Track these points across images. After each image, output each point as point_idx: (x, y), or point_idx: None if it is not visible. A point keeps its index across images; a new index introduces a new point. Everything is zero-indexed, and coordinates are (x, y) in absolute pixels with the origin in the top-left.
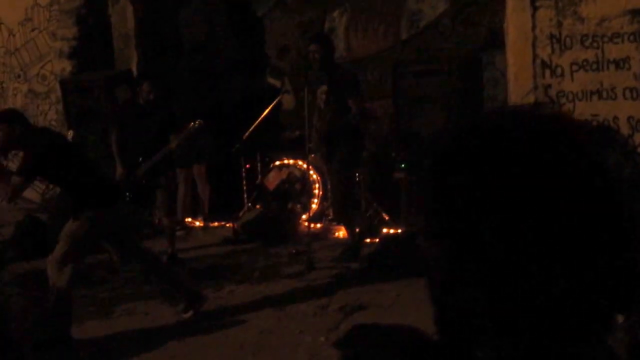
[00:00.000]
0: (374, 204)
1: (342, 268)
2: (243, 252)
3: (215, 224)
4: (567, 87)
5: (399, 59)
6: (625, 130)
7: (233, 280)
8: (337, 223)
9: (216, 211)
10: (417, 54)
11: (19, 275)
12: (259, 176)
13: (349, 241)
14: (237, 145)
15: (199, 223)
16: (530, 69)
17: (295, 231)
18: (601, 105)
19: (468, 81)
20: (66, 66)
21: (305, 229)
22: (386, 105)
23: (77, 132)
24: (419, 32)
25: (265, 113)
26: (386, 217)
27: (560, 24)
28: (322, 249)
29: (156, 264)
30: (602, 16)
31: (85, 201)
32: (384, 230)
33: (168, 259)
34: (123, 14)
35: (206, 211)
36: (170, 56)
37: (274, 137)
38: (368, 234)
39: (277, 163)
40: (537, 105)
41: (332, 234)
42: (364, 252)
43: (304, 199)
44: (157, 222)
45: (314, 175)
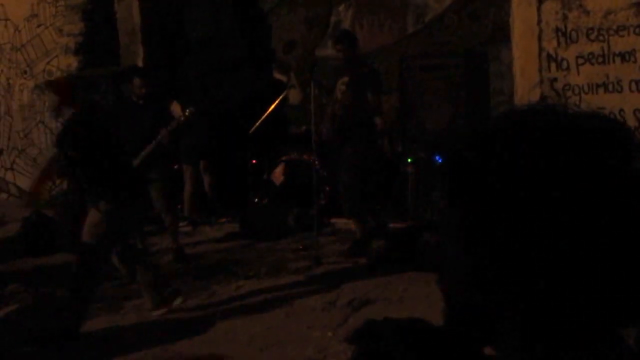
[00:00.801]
0: (381, 199)
1: (350, 263)
2: (250, 247)
3: (223, 220)
4: (573, 80)
5: (405, 53)
6: (631, 122)
7: (240, 275)
8: (349, 216)
9: (223, 207)
10: (423, 48)
11: (26, 271)
12: (266, 171)
13: (358, 235)
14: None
15: (205, 219)
16: (536, 62)
17: (302, 226)
18: (607, 98)
19: (474, 75)
20: (72, 62)
21: (313, 223)
22: (392, 100)
23: None
24: (424, 26)
25: (271, 108)
26: (393, 212)
27: (565, 17)
28: (329, 244)
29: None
30: (607, 9)
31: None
32: (390, 224)
33: (174, 254)
34: (129, 9)
35: (213, 207)
36: (176, 52)
37: (280, 132)
38: (377, 229)
39: (283, 158)
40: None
41: (339, 228)
42: (371, 246)
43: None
44: (159, 218)
45: (323, 172)
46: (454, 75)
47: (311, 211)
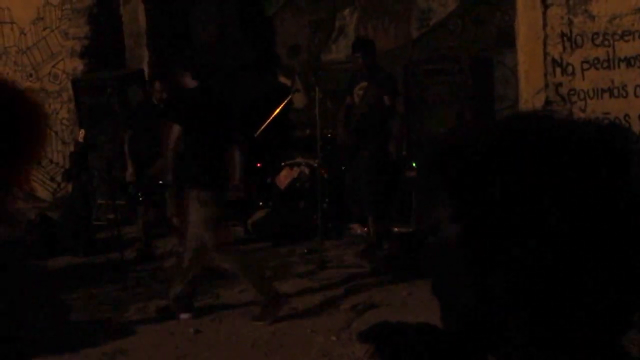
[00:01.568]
0: (386, 203)
1: (354, 267)
2: (255, 251)
3: (227, 223)
4: (578, 85)
5: (409, 57)
6: (636, 127)
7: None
8: (365, 217)
9: (227, 211)
10: (427, 53)
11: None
12: (270, 175)
13: (370, 237)
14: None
15: None
16: (541, 67)
17: (307, 230)
18: (612, 103)
19: (479, 80)
20: (78, 65)
21: (317, 228)
22: (397, 104)
23: (88, 131)
24: (429, 30)
25: (276, 112)
26: (397, 217)
27: (571, 22)
28: (334, 248)
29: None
30: (612, 14)
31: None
32: (395, 229)
33: (178, 257)
34: (134, 13)
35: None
36: (182, 55)
37: (284, 136)
38: (385, 234)
39: (288, 162)
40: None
41: (343, 233)
42: (376, 251)
43: (315, 197)
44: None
45: (325, 174)
46: (458, 80)
47: (315, 215)
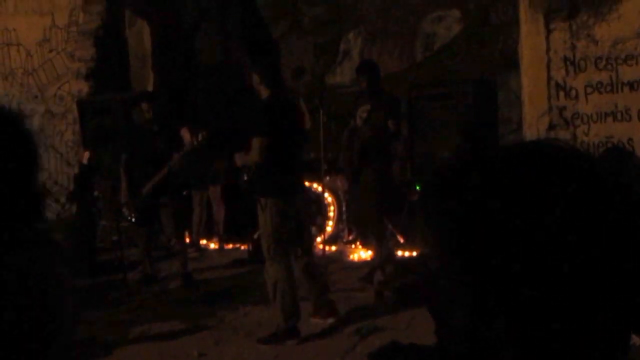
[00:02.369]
0: (390, 226)
1: (357, 290)
2: (258, 273)
3: (230, 245)
4: (582, 109)
5: (413, 80)
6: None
7: (248, 301)
8: (368, 241)
9: (231, 233)
10: (431, 76)
11: None
12: None
13: (376, 261)
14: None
15: (214, 245)
16: (544, 90)
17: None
18: (616, 127)
19: (482, 103)
20: (83, 87)
21: (320, 251)
22: (401, 127)
23: (93, 153)
24: (433, 54)
25: None
26: (402, 240)
27: (574, 46)
28: (337, 272)
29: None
30: (615, 38)
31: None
32: (399, 253)
33: (183, 280)
34: (140, 35)
35: (221, 232)
36: (187, 78)
37: None
38: (388, 257)
39: None
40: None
41: (347, 256)
42: (379, 274)
43: (318, 221)
44: (168, 244)
45: (329, 198)
46: (462, 103)
47: (318, 238)
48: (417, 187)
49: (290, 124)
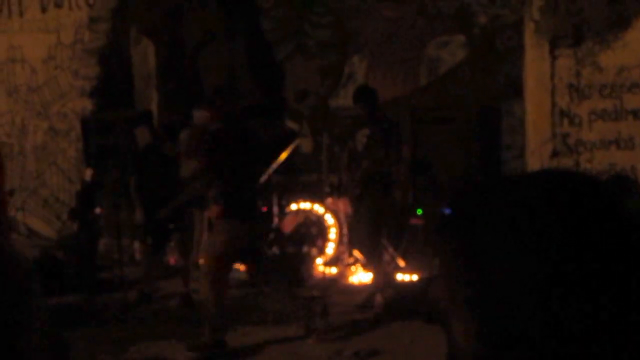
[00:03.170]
0: (390, 250)
1: (357, 313)
2: (258, 294)
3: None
4: (586, 136)
5: (417, 105)
6: None
7: (248, 322)
8: (366, 265)
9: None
10: (435, 101)
11: None
12: (276, 219)
13: (374, 286)
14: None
15: None
16: (548, 117)
17: (311, 275)
18: (619, 155)
19: (486, 129)
20: (87, 105)
21: (321, 273)
22: (404, 151)
23: (96, 171)
24: (437, 79)
25: (283, 156)
26: (402, 264)
27: (579, 74)
28: (337, 294)
29: None
30: (621, 66)
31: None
32: (399, 276)
33: (182, 299)
34: (144, 54)
35: None
36: (191, 98)
37: (291, 180)
38: (387, 281)
39: (293, 206)
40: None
41: (347, 278)
42: (378, 298)
43: (320, 242)
44: (171, 263)
45: (330, 220)
46: (465, 129)
47: (319, 260)
48: (419, 211)
49: (240, 152)
